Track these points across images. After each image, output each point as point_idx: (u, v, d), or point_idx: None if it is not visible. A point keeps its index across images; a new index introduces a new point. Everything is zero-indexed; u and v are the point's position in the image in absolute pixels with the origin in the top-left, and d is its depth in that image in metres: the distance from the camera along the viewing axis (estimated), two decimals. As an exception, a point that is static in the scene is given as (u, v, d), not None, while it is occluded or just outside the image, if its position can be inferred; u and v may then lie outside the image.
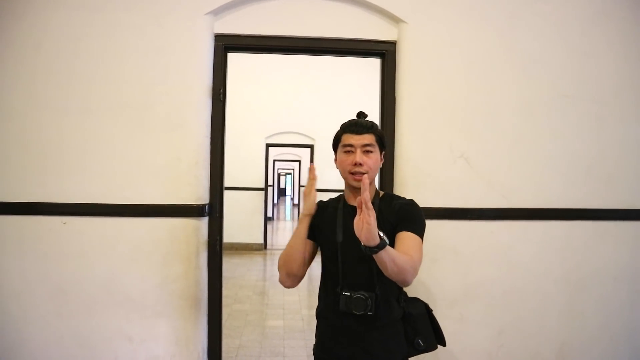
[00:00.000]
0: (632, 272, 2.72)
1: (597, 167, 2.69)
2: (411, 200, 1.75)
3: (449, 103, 2.62)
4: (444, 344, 1.82)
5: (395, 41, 2.66)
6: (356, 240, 1.65)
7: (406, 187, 2.55)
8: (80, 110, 2.49)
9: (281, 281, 1.79)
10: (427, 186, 2.57)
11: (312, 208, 1.74)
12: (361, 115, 1.78)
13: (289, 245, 1.75)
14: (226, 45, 2.64)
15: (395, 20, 2.64)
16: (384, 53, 2.68)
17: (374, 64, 2.86)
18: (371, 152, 1.68)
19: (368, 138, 1.68)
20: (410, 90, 2.62)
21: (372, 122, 1.74)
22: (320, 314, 1.79)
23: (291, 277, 1.75)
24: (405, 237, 1.62)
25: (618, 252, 2.71)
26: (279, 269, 1.78)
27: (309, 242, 1.77)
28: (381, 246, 1.39)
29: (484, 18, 2.64)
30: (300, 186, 17.47)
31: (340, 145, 1.73)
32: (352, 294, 1.63)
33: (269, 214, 12.62)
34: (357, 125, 1.70)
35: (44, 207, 2.47)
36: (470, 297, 2.62)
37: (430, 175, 2.60)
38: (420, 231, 1.67)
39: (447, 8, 2.62)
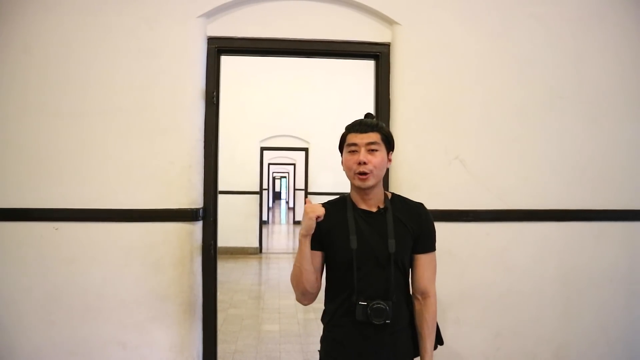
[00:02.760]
0: (628, 273, 2.72)
1: (591, 168, 2.70)
2: (423, 205, 1.76)
3: (443, 105, 2.62)
4: (442, 343, 1.81)
5: (389, 43, 2.66)
6: (371, 246, 1.63)
7: (401, 189, 2.53)
8: (72, 114, 2.46)
9: (298, 300, 1.73)
10: (422, 188, 2.56)
11: (311, 228, 1.63)
12: (368, 116, 1.75)
13: (296, 267, 1.67)
14: (219, 48, 2.62)
15: (389, 22, 2.63)
16: (378, 55, 2.67)
17: (369, 66, 2.85)
18: (376, 150, 1.64)
19: (372, 136, 1.64)
20: (405, 92, 2.61)
21: (377, 121, 1.70)
22: (330, 322, 1.73)
23: (307, 296, 1.70)
24: (426, 264, 1.71)
25: (614, 253, 2.71)
26: (293, 289, 1.71)
27: (317, 254, 1.71)
28: None
29: (478, 20, 2.64)
30: (295, 189, 17.44)
31: (345, 145, 1.69)
32: (370, 304, 1.60)
33: (264, 218, 12.59)
34: (362, 124, 1.66)
35: (35, 213, 2.44)
36: (466, 299, 2.61)
37: (426, 177, 2.59)
38: (435, 244, 1.75)
39: (441, 10, 2.62)
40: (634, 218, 2.72)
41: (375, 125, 1.66)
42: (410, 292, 1.76)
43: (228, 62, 2.90)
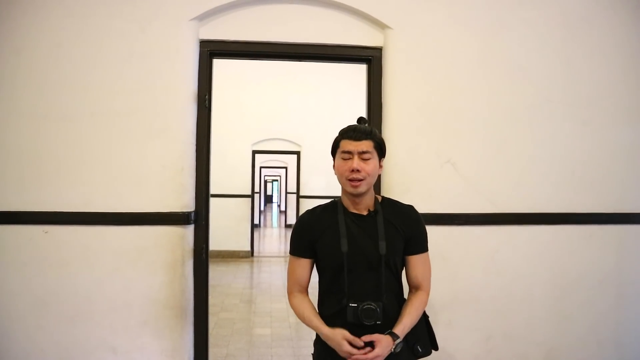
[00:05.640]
0: (617, 276, 2.75)
1: (581, 171, 2.72)
2: (413, 207, 1.78)
3: (435, 108, 2.63)
4: (436, 348, 1.81)
5: (381, 47, 2.67)
6: (362, 248, 1.64)
7: (393, 192, 2.54)
8: (62, 117, 2.45)
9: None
10: (414, 192, 2.57)
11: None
12: (361, 120, 1.76)
13: (302, 319, 1.72)
14: (211, 51, 2.62)
15: (380, 26, 2.64)
16: (370, 59, 2.68)
17: (361, 70, 2.86)
18: (369, 158, 1.66)
19: (366, 144, 1.65)
20: (397, 96, 2.62)
21: (371, 128, 1.71)
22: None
23: None
24: (418, 264, 1.74)
25: (603, 256, 2.73)
26: (294, 310, 1.77)
27: (307, 262, 1.74)
28: (402, 341, 1.62)
29: (469, 24, 2.66)
30: (286, 193, 17.40)
31: (338, 151, 1.70)
32: (360, 305, 1.61)
33: (256, 221, 12.55)
34: (356, 131, 1.67)
35: (24, 216, 2.41)
36: (458, 302, 2.62)
37: (417, 180, 2.60)
38: (427, 244, 1.76)
39: (433, 14, 2.64)
40: (623, 221, 2.75)
41: (369, 133, 1.67)
42: (403, 295, 1.77)
43: (220, 65, 2.89)
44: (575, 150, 2.72)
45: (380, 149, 1.71)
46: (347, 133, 1.68)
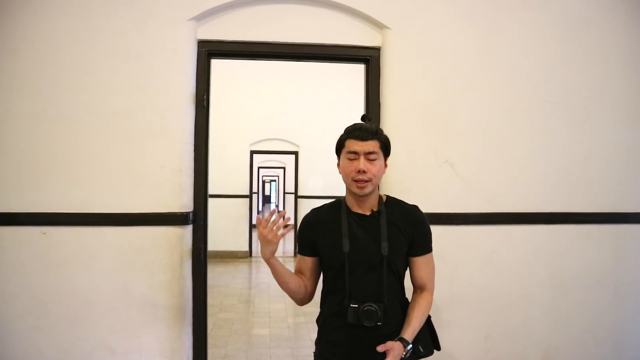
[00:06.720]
0: (614, 275, 2.75)
1: (579, 171, 2.73)
2: (418, 208, 1.77)
3: (433, 108, 2.63)
4: (439, 348, 1.81)
5: (379, 47, 2.67)
6: (364, 249, 1.64)
7: (391, 192, 2.52)
8: (60, 118, 2.44)
9: (298, 304, 1.81)
10: (412, 192, 2.56)
11: (274, 252, 1.65)
12: (365, 118, 1.75)
13: (279, 284, 1.71)
14: (209, 51, 2.62)
15: (379, 26, 2.64)
16: (368, 59, 2.68)
17: (359, 70, 2.86)
18: (375, 159, 1.64)
19: (372, 145, 1.63)
20: (395, 96, 2.63)
21: (376, 126, 1.69)
22: (324, 324, 1.74)
23: (304, 300, 1.77)
24: (423, 264, 1.73)
25: (601, 255, 2.74)
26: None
27: (308, 260, 1.75)
28: (412, 346, 1.61)
29: (468, 25, 2.66)
30: (285, 193, 17.38)
31: (343, 150, 1.68)
32: (361, 306, 1.61)
33: (254, 222, 12.54)
34: (362, 130, 1.64)
35: (22, 217, 2.40)
36: (456, 302, 2.62)
37: (416, 180, 2.60)
38: (431, 244, 1.76)
39: (431, 14, 2.64)
40: (620, 221, 2.75)
41: (375, 133, 1.66)
42: (405, 296, 1.77)
43: (218, 66, 2.89)
44: (573, 150, 2.73)
45: (386, 148, 1.69)
46: (353, 132, 1.66)
